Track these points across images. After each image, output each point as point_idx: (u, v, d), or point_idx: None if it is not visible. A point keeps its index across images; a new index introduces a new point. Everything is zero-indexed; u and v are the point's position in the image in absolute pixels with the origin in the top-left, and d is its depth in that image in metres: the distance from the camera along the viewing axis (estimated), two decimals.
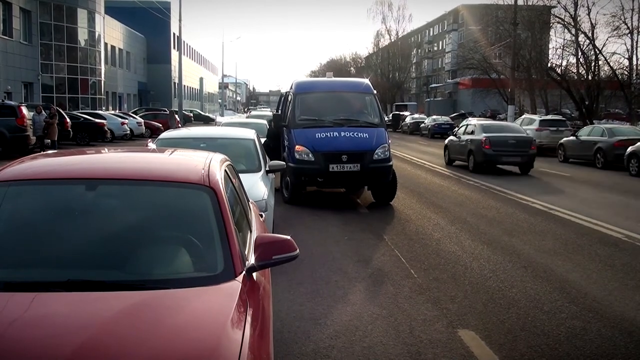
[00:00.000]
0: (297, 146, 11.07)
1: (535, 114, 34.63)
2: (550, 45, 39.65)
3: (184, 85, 63.30)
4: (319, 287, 6.11)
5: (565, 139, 22.99)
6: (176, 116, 37.82)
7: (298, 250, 3.02)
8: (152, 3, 54.44)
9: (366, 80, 13.19)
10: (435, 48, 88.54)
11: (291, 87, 12.78)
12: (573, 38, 34.93)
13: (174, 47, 64.66)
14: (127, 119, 32.16)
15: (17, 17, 35.62)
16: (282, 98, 14.36)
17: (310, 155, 10.95)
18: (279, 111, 13.74)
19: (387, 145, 11.27)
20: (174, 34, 64.19)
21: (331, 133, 11.15)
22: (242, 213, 3.71)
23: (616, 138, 20.01)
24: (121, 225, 2.98)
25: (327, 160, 10.86)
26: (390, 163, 11.29)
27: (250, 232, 3.70)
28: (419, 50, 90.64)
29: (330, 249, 7.82)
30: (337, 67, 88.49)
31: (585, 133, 21.92)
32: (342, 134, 11.13)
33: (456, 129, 20.34)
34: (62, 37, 40.82)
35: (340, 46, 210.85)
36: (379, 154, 11.03)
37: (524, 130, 19.71)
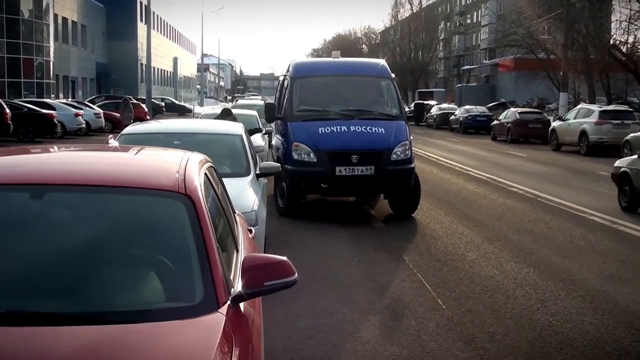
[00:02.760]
0: (295, 143, 11.08)
1: (594, 103, 34.59)
2: (613, 18, 39.64)
3: (154, 68, 63.48)
4: (322, 321, 6.10)
5: (632, 134, 22.92)
6: (143, 106, 37.87)
7: (296, 275, 3.02)
8: None
9: (382, 61, 13.21)
10: (469, 21, 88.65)
11: (288, 70, 12.82)
12: None
13: (141, 20, 64.86)
14: (82, 109, 32.23)
15: None
16: (280, 84, 14.38)
17: (311, 155, 10.96)
18: (279, 100, 13.67)
19: (408, 142, 11.27)
20: (140, 2, 64.42)
21: (338, 127, 11.16)
22: (227, 227, 3.71)
23: None
24: (75, 243, 2.99)
25: (333, 162, 10.86)
26: (412, 165, 11.29)
27: (237, 251, 3.71)
28: (448, 24, 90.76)
29: (337, 273, 7.81)
30: (345, 44, 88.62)
31: None
32: (352, 128, 11.14)
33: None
34: (0, 7, 40.98)
35: (350, 19, 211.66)
36: (398, 153, 11.04)
37: None
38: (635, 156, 12.75)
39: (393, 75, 12.61)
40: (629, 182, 12.34)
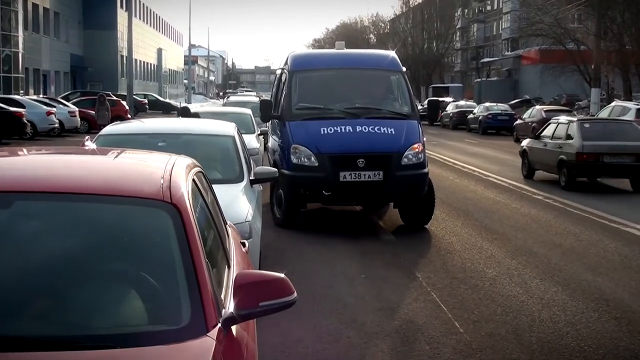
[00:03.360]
0: (294, 146, 11.09)
1: (630, 100, 34.61)
2: None
3: (136, 60, 63.56)
4: (324, 346, 6.09)
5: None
6: (123, 103, 37.93)
7: (295, 294, 3.02)
8: None
9: (392, 53, 13.22)
10: (489, 7, 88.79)
11: (286, 63, 12.83)
12: None
13: (122, 7, 64.95)
14: (55, 106, 32.26)
15: None
16: (276, 79, 14.41)
17: (312, 159, 10.97)
18: (275, 97, 13.64)
19: (421, 144, 11.28)
20: None
21: (342, 128, 11.17)
22: (217, 240, 3.71)
23: None
24: (46, 258, 2.98)
25: (337, 166, 10.87)
26: (426, 170, 11.29)
27: (229, 267, 3.71)
28: (466, 11, 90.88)
29: (341, 292, 7.81)
30: (350, 34, 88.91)
31: None
32: (358, 128, 11.15)
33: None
34: None
35: (356, 5, 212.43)
36: (410, 157, 11.04)
37: None
38: (529, 139, 19.17)
39: (404, 69, 12.62)
40: (526, 156, 18.73)
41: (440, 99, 49.12)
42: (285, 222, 11.37)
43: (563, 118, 18.68)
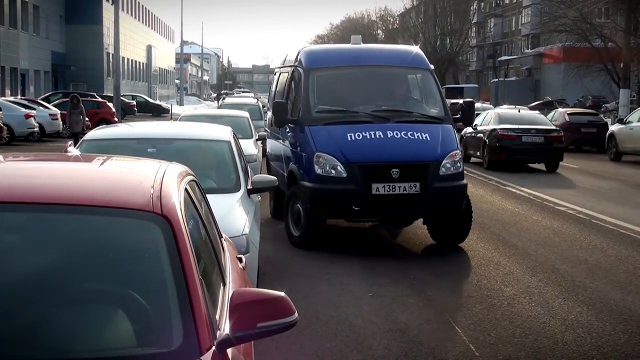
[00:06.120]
0: (317, 154, 10.62)
1: None
2: None
3: (123, 58, 63.65)
4: None
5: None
6: (109, 105, 37.95)
7: (296, 315, 3.02)
8: None
9: (415, 49, 12.96)
10: (507, 1, 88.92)
11: (297, 60, 12.28)
12: None
13: (108, 0, 65.11)
14: (34, 108, 32.29)
15: None
16: (277, 78, 14.18)
17: (339, 169, 10.50)
18: (286, 99, 12.92)
19: (458, 152, 11.01)
20: None
21: (372, 133, 10.78)
22: (212, 256, 3.71)
23: None
24: (24, 275, 2.99)
25: (368, 177, 10.41)
26: (464, 181, 11.02)
27: (224, 285, 3.71)
28: (482, 4, 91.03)
29: (346, 312, 7.80)
30: (357, 29, 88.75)
31: None
32: (389, 134, 10.76)
33: None
34: None
35: None
36: (448, 166, 10.68)
37: None
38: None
39: (432, 66, 12.38)
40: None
41: (454, 100, 49.10)
42: (306, 242, 10.87)
43: None
